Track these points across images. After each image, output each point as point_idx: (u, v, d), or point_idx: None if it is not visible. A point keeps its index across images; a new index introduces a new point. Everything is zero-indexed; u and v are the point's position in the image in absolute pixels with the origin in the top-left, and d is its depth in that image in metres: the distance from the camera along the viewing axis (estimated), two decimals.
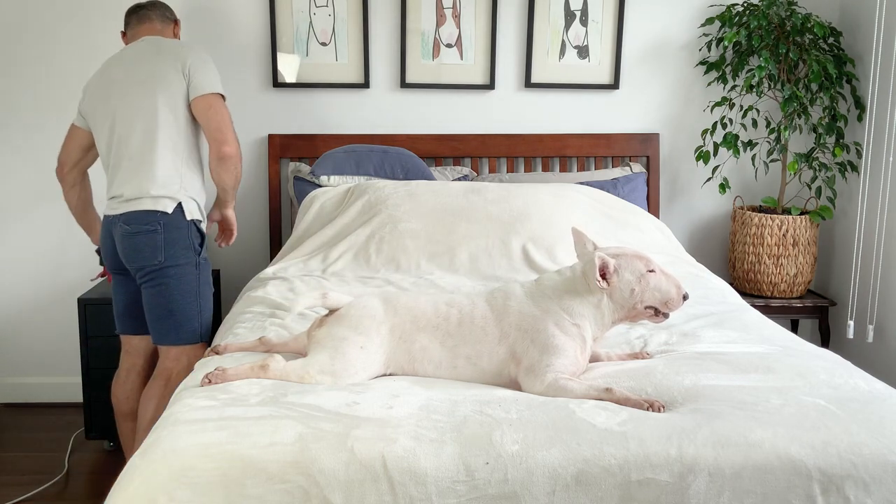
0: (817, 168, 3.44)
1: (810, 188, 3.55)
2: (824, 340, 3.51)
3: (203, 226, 2.65)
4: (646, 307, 1.94)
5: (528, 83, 3.58)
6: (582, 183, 3.35)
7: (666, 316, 1.96)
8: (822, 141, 3.40)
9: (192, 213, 2.58)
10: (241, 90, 3.50)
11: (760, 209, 3.59)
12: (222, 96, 2.59)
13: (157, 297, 2.55)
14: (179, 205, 2.54)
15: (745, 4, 3.44)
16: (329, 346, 1.88)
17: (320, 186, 3.26)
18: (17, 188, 3.49)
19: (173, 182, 2.54)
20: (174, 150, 2.55)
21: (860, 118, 3.46)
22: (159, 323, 2.57)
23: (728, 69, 3.50)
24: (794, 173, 3.41)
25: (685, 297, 1.95)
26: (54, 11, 3.37)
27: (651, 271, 1.92)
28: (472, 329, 1.92)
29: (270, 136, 3.50)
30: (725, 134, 3.43)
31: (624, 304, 1.92)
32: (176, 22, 2.79)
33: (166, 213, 2.51)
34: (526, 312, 1.91)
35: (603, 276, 1.90)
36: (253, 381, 1.81)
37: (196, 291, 2.58)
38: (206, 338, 2.63)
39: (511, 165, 3.61)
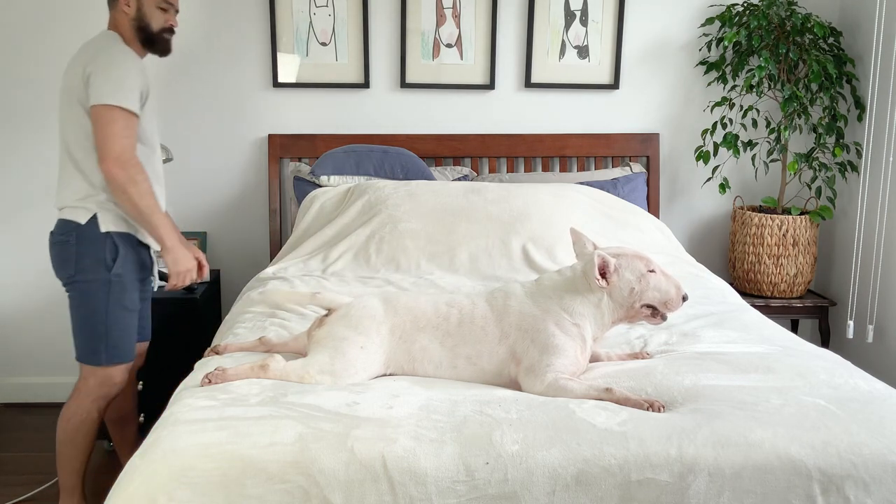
0: (817, 168, 3.44)
1: (810, 188, 3.55)
2: (824, 340, 3.51)
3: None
4: (645, 307, 1.94)
5: (528, 83, 3.58)
6: (582, 183, 3.35)
7: (664, 318, 1.96)
8: (822, 141, 3.40)
9: (108, 224, 2.38)
10: (241, 90, 3.50)
11: (760, 209, 3.59)
12: (122, 109, 2.29)
13: (70, 310, 2.44)
14: (95, 216, 2.36)
15: (745, 4, 3.44)
16: (329, 346, 1.88)
17: (320, 186, 3.26)
18: (17, 188, 3.49)
19: (89, 193, 2.37)
20: (87, 161, 2.36)
21: (860, 118, 3.46)
22: (73, 337, 2.46)
23: (728, 69, 3.50)
24: (794, 173, 3.41)
25: (685, 298, 1.95)
26: (53, 13, 3.37)
27: (651, 271, 1.93)
28: (473, 329, 1.92)
29: (270, 136, 3.50)
30: (725, 134, 3.43)
31: (623, 303, 1.92)
32: None
33: (79, 224, 2.36)
34: (526, 312, 1.91)
35: (603, 275, 1.90)
36: (253, 381, 1.81)
37: (103, 310, 2.39)
38: (115, 361, 2.45)
39: (511, 165, 3.61)
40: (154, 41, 2.47)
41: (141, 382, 3.04)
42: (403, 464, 1.51)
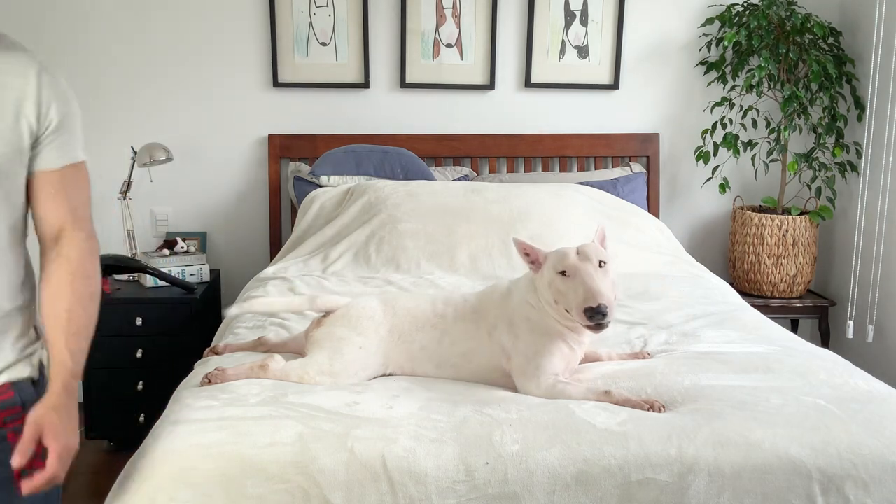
0: (817, 168, 3.44)
1: (810, 188, 3.55)
2: (824, 340, 3.51)
3: None
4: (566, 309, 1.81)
5: (528, 83, 3.58)
6: (582, 183, 3.35)
7: (597, 328, 1.75)
8: (822, 141, 3.40)
9: None
10: (241, 90, 3.50)
11: (760, 209, 3.59)
12: None
13: None
14: None
15: (745, 4, 3.44)
16: (328, 346, 1.88)
17: (320, 186, 3.26)
18: None
19: None
20: None
21: (860, 118, 3.46)
22: None
23: (728, 69, 3.50)
24: (794, 173, 3.41)
25: (593, 311, 1.71)
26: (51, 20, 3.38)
27: (562, 273, 1.79)
28: (466, 326, 1.93)
29: (270, 136, 3.50)
30: (725, 134, 3.43)
31: (549, 299, 1.84)
32: None
33: None
34: (507, 306, 1.93)
35: (534, 261, 1.89)
36: (253, 381, 1.81)
37: None
38: None
39: (511, 165, 3.61)
40: None
41: (141, 382, 3.04)
42: (403, 464, 1.51)
